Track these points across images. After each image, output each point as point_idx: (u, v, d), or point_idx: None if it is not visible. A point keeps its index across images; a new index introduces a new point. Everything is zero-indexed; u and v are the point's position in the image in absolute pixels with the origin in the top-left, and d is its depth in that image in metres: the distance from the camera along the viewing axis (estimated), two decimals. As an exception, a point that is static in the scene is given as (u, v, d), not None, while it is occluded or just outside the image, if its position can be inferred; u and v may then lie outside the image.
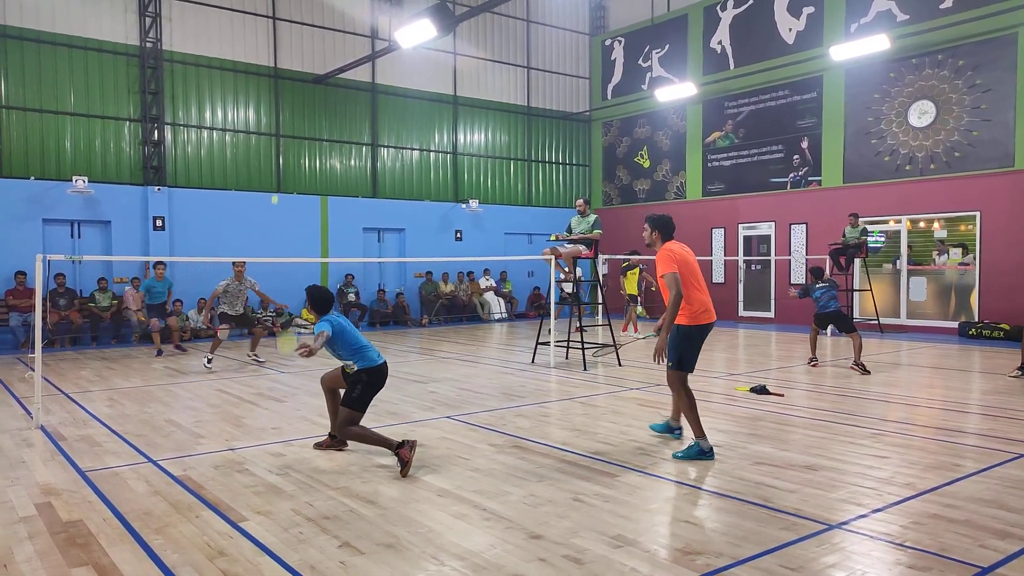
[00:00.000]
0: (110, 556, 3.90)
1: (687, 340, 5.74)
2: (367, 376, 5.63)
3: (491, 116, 21.24)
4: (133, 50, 15.73)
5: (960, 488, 4.95)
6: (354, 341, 5.69)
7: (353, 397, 5.59)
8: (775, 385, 9.03)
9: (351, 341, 5.67)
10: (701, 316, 5.72)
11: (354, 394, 5.59)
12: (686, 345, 5.75)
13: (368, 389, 5.64)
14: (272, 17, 17.45)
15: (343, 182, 18.69)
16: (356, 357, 5.66)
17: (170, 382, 9.96)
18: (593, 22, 23.06)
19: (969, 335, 14.58)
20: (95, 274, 15.20)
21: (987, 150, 14.73)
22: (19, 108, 14.61)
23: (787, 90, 18.06)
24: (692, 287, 5.73)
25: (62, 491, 5.05)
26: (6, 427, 7.14)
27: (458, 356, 12.60)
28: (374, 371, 5.65)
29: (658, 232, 5.91)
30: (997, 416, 7.36)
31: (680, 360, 5.75)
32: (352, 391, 5.62)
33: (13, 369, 11.29)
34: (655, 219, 5.97)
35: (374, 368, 5.65)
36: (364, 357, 5.65)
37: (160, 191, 15.75)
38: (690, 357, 5.79)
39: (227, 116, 17.01)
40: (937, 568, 3.67)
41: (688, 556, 3.87)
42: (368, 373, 5.63)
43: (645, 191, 21.66)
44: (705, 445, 5.70)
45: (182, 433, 6.83)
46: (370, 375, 5.64)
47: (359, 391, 5.60)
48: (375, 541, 4.08)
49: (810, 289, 10.80)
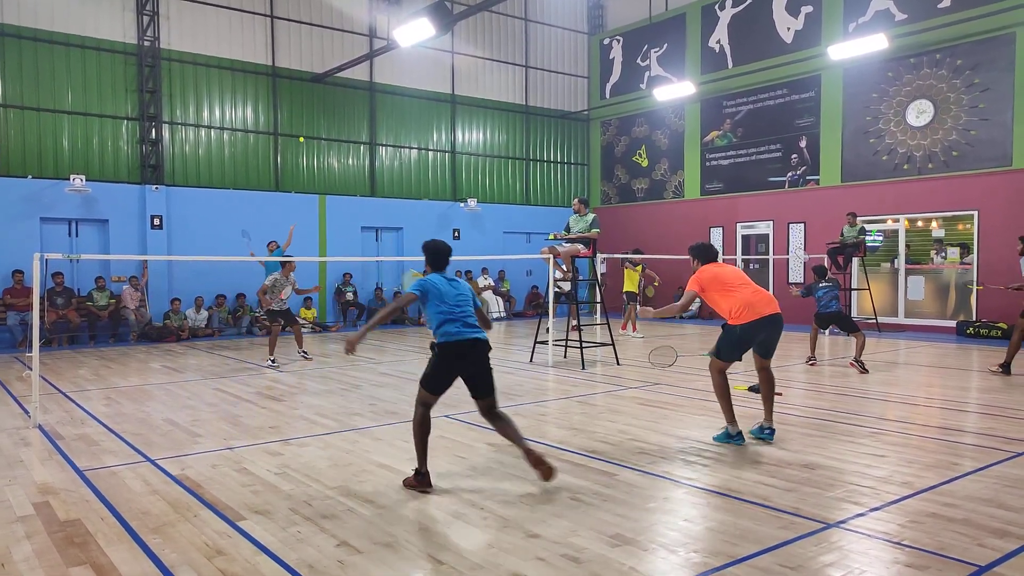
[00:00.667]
0: (108, 555, 3.90)
1: (727, 336, 6.22)
2: (438, 349, 4.89)
3: (489, 115, 21.23)
4: (131, 49, 15.71)
5: (958, 487, 4.96)
6: (440, 311, 4.90)
7: (424, 373, 4.96)
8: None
9: (436, 310, 4.91)
10: (741, 315, 6.06)
11: (426, 369, 4.95)
12: (725, 340, 6.23)
13: (438, 366, 4.89)
14: (270, 16, 17.43)
15: (341, 181, 18.68)
16: (436, 329, 4.92)
17: (168, 381, 9.95)
18: (591, 21, 23.06)
19: (967, 334, 14.60)
20: (93, 273, 15.18)
21: (985, 149, 14.75)
22: (17, 106, 14.58)
23: (785, 89, 18.07)
24: (722, 294, 6.17)
25: (60, 490, 5.04)
26: (4, 426, 7.13)
27: (456, 355, 12.57)
28: (444, 345, 4.86)
29: (697, 260, 6.48)
30: (995, 415, 7.37)
31: (719, 350, 6.26)
32: (428, 364, 4.98)
33: (11, 368, 11.27)
34: (693, 248, 6.56)
35: (444, 343, 4.86)
36: (440, 330, 4.89)
37: (158, 190, 15.73)
38: (728, 350, 6.21)
39: (225, 115, 16.99)
40: (935, 567, 3.68)
41: (686, 555, 3.87)
42: (439, 347, 4.88)
43: (643, 190, 21.66)
44: (733, 430, 6.17)
45: (180, 432, 6.82)
46: (441, 349, 4.87)
47: (428, 367, 4.95)
48: (373, 540, 4.08)
49: (813, 288, 10.81)
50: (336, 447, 6.18)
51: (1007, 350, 9.83)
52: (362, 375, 10.37)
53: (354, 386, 9.39)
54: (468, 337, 4.86)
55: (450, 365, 4.90)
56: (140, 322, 15.09)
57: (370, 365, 11.42)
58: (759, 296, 6.14)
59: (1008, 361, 9.74)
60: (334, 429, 6.87)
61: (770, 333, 6.16)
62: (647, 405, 7.95)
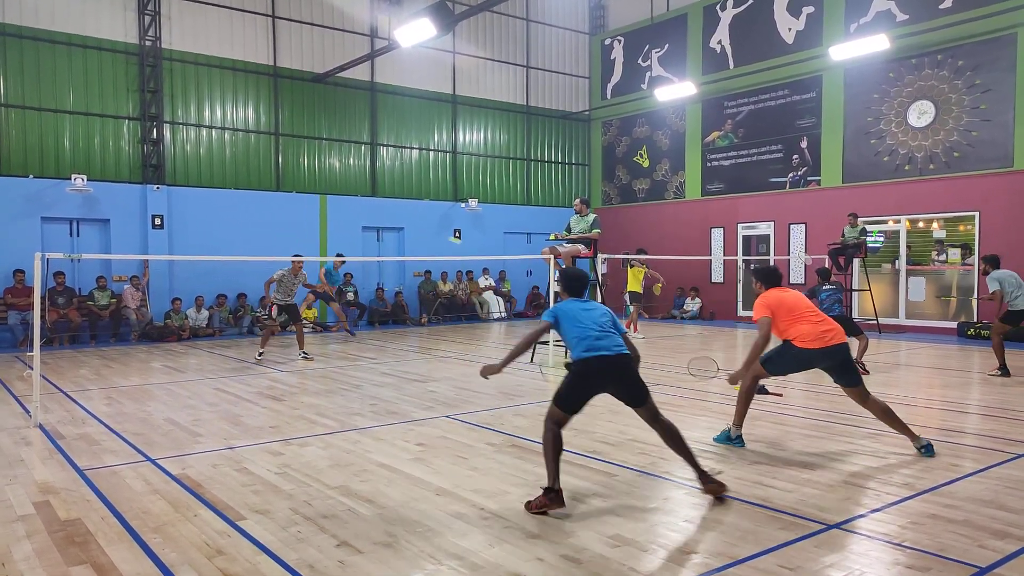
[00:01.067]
0: (108, 555, 3.90)
1: (782, 352, 6.00)
2: (573, 367, 4.70)
3: (490, 115, 21.23)
4: (132, 48, 15.72)
5: (959, 488, 4.95)
6: (576, 333, 4.73)
7: (556, 392, 4.74)
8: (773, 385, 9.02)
9: (572, 332, 4.74)
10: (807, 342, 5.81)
11: (560, 387, 4.74)
12: (778, 354, 6.03)
13: (572, 384, 4.67)
14: (271, 16, 17.44)
15: (342, 181, 18.69)
16: (573, 350, 4.74)
17: (168, 381, 9.95)
18: (592, 21, 23.05)
19: (968, 335, 14.59)
20: (94, 272, 15.19)
21: (986, 150, 14.74)
22: (18, 106, 14.59)
23: (786, 90, 18.06)
24: (789, 323, 5.90)
25: (60, 490, 5.05)
26: (4, 425, 7.13)
27: (457, 355, 12.60)
28: (580, 362, 4.65)
29: (760, 283, 6.24)
30: (996, 416, 7.37)
31: (767, 359, 6.04)
32: (561, 383, 4.79)
33: (12, 368, 11.28)
34: (759, 272, 6.33)
35: (580, 359, 4.65)
36: (577, 349, 4.72)
37: (159, 190, 15.74)
38: (777, 363, 6.05)
39: (226, 115, 17.00)
40: (936, 568, 3.68)
41: (686, 556, 3.87)
42: (576, 364, 4.68)
43: (644, 191, 21.66)
44: (735, 432, 6.11)
45: (181, 432, 6.83)
46: (577, 367, 4.67)
47: (562, 384, 4.73)
48: (373, 540, 4.08)
49: (816, 291, 10.84)
50: (337, 447, 6.18)
51: (995, 354, 10.00)
52: (363, 375, 10.37)
53: (355, 386, 9.39)
54: (606, 352, 4.62)
55: (588, 382, 4.66)
56: (141, 322, 15.10)
57: (371, 365, 11.42)
58: (826, 326, 5.91)
59: (1002, 363, 9.87)
60: (335, 429, 6.87)
61: (834, 361, 5.87)
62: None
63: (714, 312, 19.46)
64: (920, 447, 5.83)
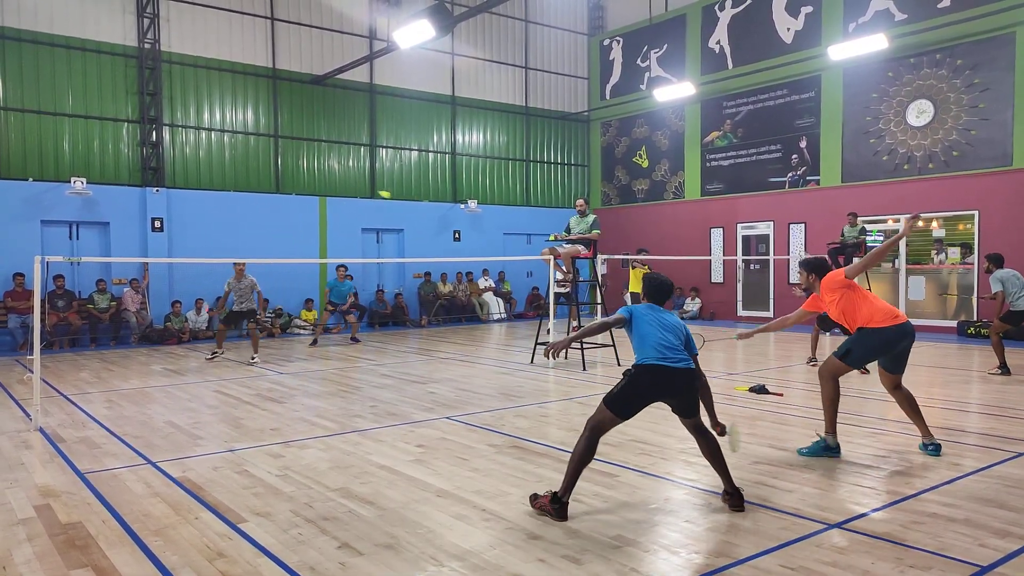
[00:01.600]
0: (109, 558, 3.90)
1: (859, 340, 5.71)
2: (633, 371, 4.63)
3: (489, 116, 21.24)
4: (131, 51, 15.72)
5: (960, 487, 4.95)
6: (649, 338, 4.65)
7: (611, 392, 4.65)
8: (774, 385, 9.03)
9: (645, 336, 4.68)
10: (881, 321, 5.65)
11: (614, 389, 4.65)
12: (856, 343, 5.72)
13: (628, 388, 4.57)
14: (270, 18, 17.44)
15: (342, 183, 18.69)
16: (638, 353, 4.69)
17: (169, 383, 9.95)
18: (591, 22, 23.07)
19: (968, 334, 14.60)
20: (94, 275, 15.19)
21: (985, 149, 14.74)
22: (17, 109, 14.60)
23: (785, 90, 18.07)
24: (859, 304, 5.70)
25: (61, 493, 5.04)
26: (5, 429, 7.13)
27: (457, 356, 12.60)
28: (644, 368, 4.58)
29: (813, 274, 5.95)
30: (996, 415, 7.37)
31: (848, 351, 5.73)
32: (616, 385, 4.71)
33: (12, 371, 11.27)
34: (810, 262, 6.05)
35: (641, 364, 4.61)
36: (641, 354, 4.67)
37: (158, 192, 15.74)
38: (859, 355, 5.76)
39: (225, 117, 17.00)
40: (937, 567, 3.68)
41: (687, 556, 3.87)
42: (635, 368, 4.62)
43: (644, 191, 21.66)
44: (832, 441, 5.75)
45: (181, 434, 6.82)
46: (636, 371, 4.60)
47: (618, 387, 4.62)
48: (374, 542, 4.08)
49: None
50: (337, 449, 6.18)
51: (995, 353, 10.00)
52: (363, 377, 10.37)
53: (355, 388, 9.39)
54: (673, 364, 4.54)
55: (647, 390, 4.58)
56: (141, 324, 15.10)
57: (371, 367, 11.42)
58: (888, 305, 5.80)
59: (1002, 362, 9.86)
60: (335, 431, 6.87)
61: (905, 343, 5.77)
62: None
63: (714, 312, 19.46)
64: (930, 445, 5.80)
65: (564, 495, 4.43)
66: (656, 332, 4.62)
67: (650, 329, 4.64)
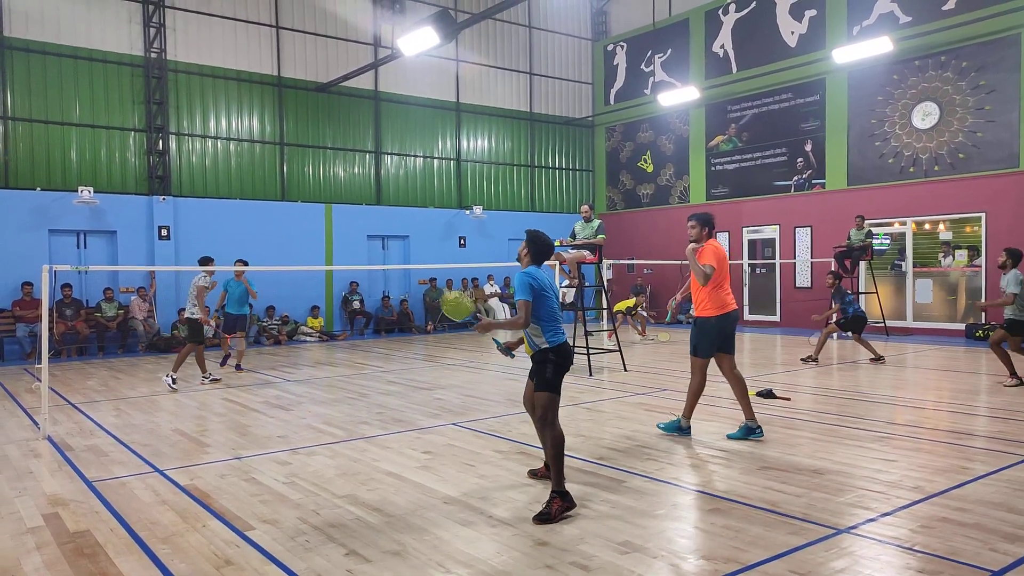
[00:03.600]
0: (117, 566, 3.91)
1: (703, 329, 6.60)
2: (554, 355, 4.78)
3: (494, 122, 21.28)
4: (138, 60, 15.81)
5: (969, 491, 4.92)
6: (551, 308, 4.77)
7: (547, 378, 4.75)
8: (781, 389, 9.00)
9: (551, 308, 4.77)
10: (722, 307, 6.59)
11: (547, 375, 4.75)
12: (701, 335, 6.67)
13: (559, 370, 4.78)
14: (275, 26, 17.53)
15: (347, 190, 18.74)
16: (550, 331, 4.78)
17: (176, 391, 9.97)
18: (595, 27, 23.10)
19: (976, 337, 14.52)
20: (101, 284, 15.25)
21: (992, 151, 14.69)
22: (25, 119, 14.69)
23: (790, 93, 18.05)
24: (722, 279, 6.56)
25: (69, 501, 5.06)
26: (13, 438, 7.16)
27: (463, 363, 12.60)
28: (561, 349, 4.80)
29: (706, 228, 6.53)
30: (1005, 419, 7.32)
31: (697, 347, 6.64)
32: (543, 371, 4.77)
33: (20, 380, 11.32)
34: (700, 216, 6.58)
35: (562, 346, 4.80)
36: (556, 331, 4.80)
37: (165, 201, 15.81)
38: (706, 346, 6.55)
39: (231, 125, 17.08)
40: (947, 572, 3.65)
41: (696, 562, 3.86)
42: (555, 352, 4.78)
43: (649, 196, 21.65)
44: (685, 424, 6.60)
45: (188, 442, 6.84)
46: (557, 354, 4.78)
47: (551, 371, 4.76)
48: (381, 549, 4.08)
49: (845, 294, 11.34)
50: (344, 456, 6.18)
51: (1003, 364, 9.23)
52: (369, 384, 10.38)
53: (361, 395, 9.40)
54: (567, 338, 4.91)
55: (566, 366, 4.85)
56: (148, 333, 15.15)
57: (377, 373, 11.43)
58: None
59: (1012, 371, 9.14)
60: (342, 438, 6.88)
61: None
62: (654, 411, 7.92)
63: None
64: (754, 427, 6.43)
65: (561, 485, 4.63)
66: (556, 303, 4.87)
67: (554, 302, 4.86)
